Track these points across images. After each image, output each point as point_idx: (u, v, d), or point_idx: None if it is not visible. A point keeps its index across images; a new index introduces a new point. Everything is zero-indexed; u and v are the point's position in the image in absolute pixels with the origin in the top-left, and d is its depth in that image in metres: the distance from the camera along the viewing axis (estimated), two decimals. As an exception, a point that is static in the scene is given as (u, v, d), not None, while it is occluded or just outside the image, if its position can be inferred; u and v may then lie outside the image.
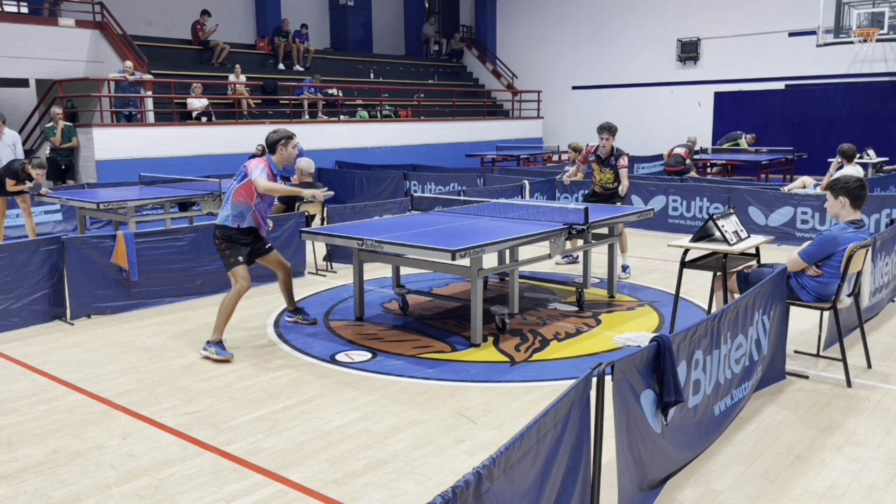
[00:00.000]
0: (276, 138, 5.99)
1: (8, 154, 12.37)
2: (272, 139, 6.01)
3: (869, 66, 18.72)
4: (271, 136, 6.03)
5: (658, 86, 22.23)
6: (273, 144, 5.99)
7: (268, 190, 5.83)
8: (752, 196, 10.62)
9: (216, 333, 5.81)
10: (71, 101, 15.72)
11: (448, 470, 3.92)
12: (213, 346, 5.76)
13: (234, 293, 5.84)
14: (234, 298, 5.84)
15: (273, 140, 6.00)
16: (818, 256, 5.07)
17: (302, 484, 3.79)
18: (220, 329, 5.83)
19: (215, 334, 5.81)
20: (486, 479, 2.25)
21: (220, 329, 5.83)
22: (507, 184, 12.29)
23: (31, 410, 4.78)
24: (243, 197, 5.88)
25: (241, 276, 5.86)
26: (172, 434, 4.40)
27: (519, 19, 25.28)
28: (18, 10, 16.45)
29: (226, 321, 5.85)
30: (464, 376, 5.32)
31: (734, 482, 3.77)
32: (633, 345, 5.90)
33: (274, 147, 5.98)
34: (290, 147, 5.97)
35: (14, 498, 3.68)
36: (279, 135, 6.00)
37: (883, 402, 4.82)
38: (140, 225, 9.11)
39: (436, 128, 20.56)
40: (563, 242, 6.51)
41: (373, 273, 8.52)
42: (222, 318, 5.83)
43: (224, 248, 5.90)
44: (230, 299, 5.83)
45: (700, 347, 3.83)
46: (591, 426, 2.98)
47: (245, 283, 5.85)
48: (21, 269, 6.52)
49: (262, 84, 18.15)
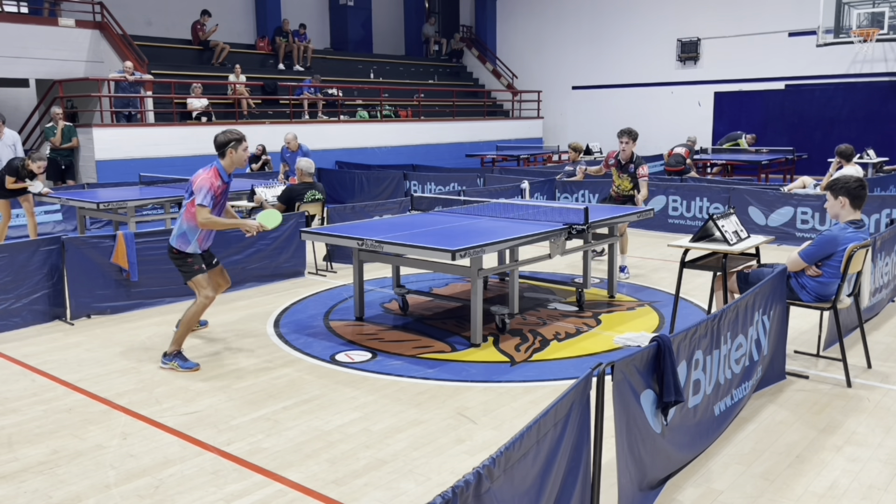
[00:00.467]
0: (224, 140, 5.52)
1: (8, 154, 12.37)
2: (221, 140, 5.53)
3: (869, 66, 18.72)
4: (220, 138, 5.55)
5: (658, 86, 22.23)
6: (222, 147, 5.52)
7: (206, 225, 5.42)
8: (752, 196, 10.62)
9: (175, 345, 5.54)
10: (71, 101, 15.72)
11: (448, 470, 3.92)
12: (173, 360, 5.51)
13: (199, 305, 5.55)
14: (199, 311, 5.57)
15: (222, 142, 5.52)
16: (818, 256, 5.07)
17: (302, 484, 3.79)
18: (180, 341, 5.56)
19: (174, 346, 5.54)
20: (486, 479, 2.25)
21: (180, 341, 5.56)
22: (506, 184, 12.29)
23: (31, 410, 4.78)
24: (192, 218, 5.49)
25: (204, 285, 5.57)
26: (172, 434, 4.40)
27: (519, 19, 25.28)
28: (18, 10, 16.45)
29: (186, 334, 5.60)
30: (464, 376, 5.32)
31: (734, 482, 3.77)
32: (633, 345, 5.90)
33: (223, 150, 5.53)
34: (240, 150, 5.53)
35: (14, 498, 3.68)
36: (228, 136, 5.53)
37: (883, 402, 4.82)
38: (140, 225, 9.11)
39: (436, 128, 20.56)
40: (563, 242, 6.51)
41: (373, 273, 8.52)
42: (184, 330, 5.57)
43: (183, 258, 5.57)
44: (194, 313, 5.56)
45: (700, 347, 3.83)
46: (591, 426, 2.98)
47: (211, 293, 5.60)
48: (21, 269, 6.52)
49: (262, 84, 18.15)
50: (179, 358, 5.52)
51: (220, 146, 5.55)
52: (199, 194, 5.38)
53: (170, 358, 5.53)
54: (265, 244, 8.20)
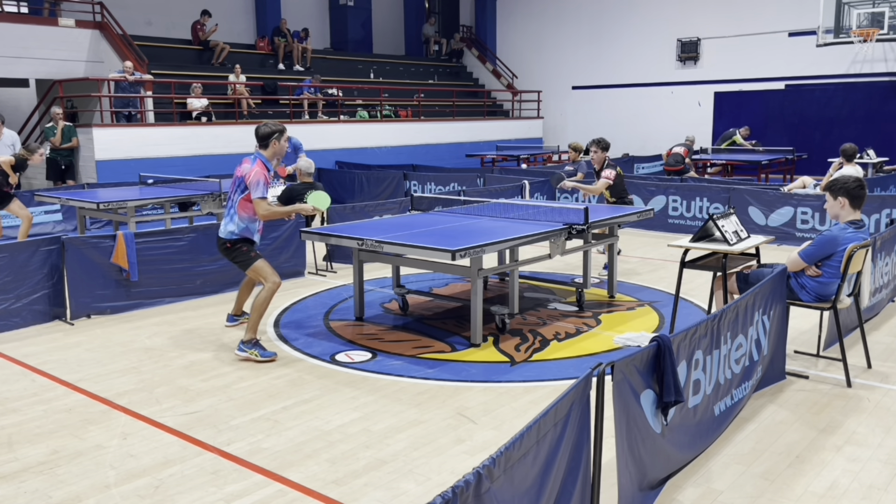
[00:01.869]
0: (268, 132, 5.69)
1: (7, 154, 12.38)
2: (264, 132, 5.69)
3: (869, 66, 18.72)
4: (263, 130, 5.70)
5: (658, 86, 22.23)
6: (266, 138, 5.69)
7: (268, 216, 5.66)
8: (752, 196, 10.62)
9: (251, 332, 5.65)
10: (71, 101, 15.72)
11: (448, 470, 3.92)
12: (252, 348, 5.61)
13: (267, 291, 5.65)
14: (269, 296, 5.66)
15: (266, 133, 5.69)
16: (818, 256, 5.07)
17: (302, 484, 3.79)
18: (255, 328, 5.67)
19: (250, 333, 5.65)
20: (486, 479, 2.25)
21: (255, 328, 5.67)
22: (507, 184, 12.29)
23: (31, 410, 4.78)
24: (249, 211, 5.67)
25: (269, 270, 5.71)
26: (172, 434, 4.40)
27: (519, 19, 25.28)
28: (18, 10, 16.44)
29: (260, 319, 5.70)
30: (464, 376, 5.32)
31: (734, 482, 3.77)
32: (633, 345, 5.90)
33: (267, 141, 5.69)
34: (283, 141, 5.73)
35: (14, 498, 3.68)
36: (271, 128, 5.70)
37: (883, 402, 4.82)
38: (140, 225, 9.11)
39: (436, 128, 20.55)
40: (563, 242, 6.51)
41: (373, 273, 8.52)
42: (256, 316, 5.65)
43: (237, 248, 5.72)
44: (265, 297, 5.64)
45: (700, 347, 3.83)
46: (591, 426, 2.98)
47: (276, 277, 5.69)
48: (21, 269, 6.52)
49: (262, 84, 18.15)
50: (259, 346, 5.61)
51: (263, 137, 5.68)
52: (258, 188, 5.53)
53: (249, 346, 5.60)
54: (265, 244, 8.18)
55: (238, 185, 5.68)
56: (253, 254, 5.73)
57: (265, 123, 5.75)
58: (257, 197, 5.55)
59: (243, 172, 5.64)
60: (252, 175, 5.58)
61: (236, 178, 5.69)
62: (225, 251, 5.79)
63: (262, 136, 5.69)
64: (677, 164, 15.13)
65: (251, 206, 5.64)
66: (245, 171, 5.63)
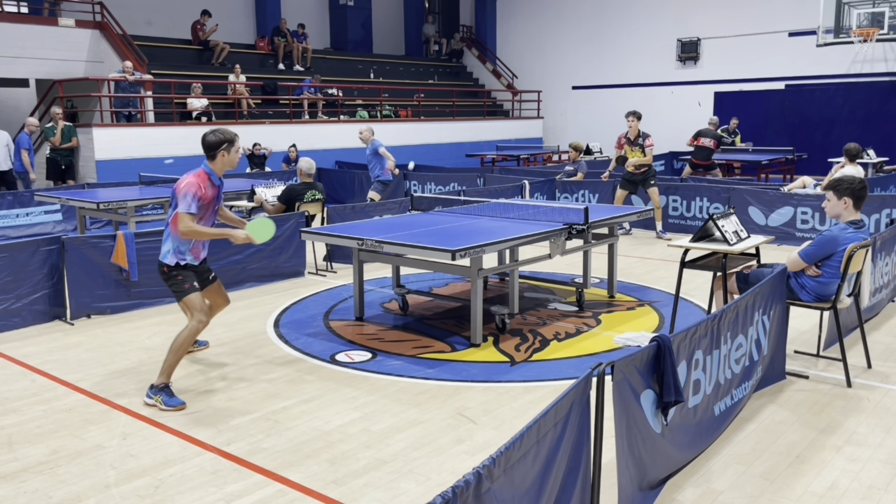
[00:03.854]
0: (216, 141, 4.91)
1: (3, 154, 12.42)
2: (212, 141, 4.90)
3: (869, 66, 18.72)
4: (210, 138, 4.92)
5: (658, 86, 22.23)
6: (214, 148, 4.91)
7: (188, 234, 4.83)
8: (752, 196, 10.62)
9: (163, 377, 4.86)
10: (71, 101, 15.72)
11: (448, 470, 3.92)
12: (159, 394, 4.80)
13: (190, 331, 4.90)
14: (191, 337, 4.92)
15: (213, 143, 4.90)
16: (818, 256, 5.07)
17: (302, 484, 3.79)
18: (169, 372, 4.88)
19: (161, 378, 4.86)
20: (486, 479, 2.25)
21: (169, 372, 4.88)
22: (507, 184, 12.29)
23: (31, 410, 4.78)
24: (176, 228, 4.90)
25: (199, 307, 4.95)
26: (172, 434, 4.40)
27: (519, 19, 25.28)
28: (18, 10, 16.45)
29: (176, 363, 4.92)
30: (464, 376, 5.32)
31: (734, 482, 3.77)
32: (633, 345, 5.90)
33: (215, 152, 4.92)
34: (233, 152, 4.95)
35: (14, 498, 3.68)
36: (221, 136, 4.92)
37: (883, 402, 4.82)
38: (140, 225, 9.11)
39: (436, 128, 20.55)
40: (563, 242, 6.51)
41: (373, 273, 8.52)
42: (173, 359, 4.88)
43: (173, 275, 4.97)
44: (185, 338, 4.89)
45: (700, 347, 3.83)
46: (591, 426, 2.98)
47: (204, 316, 4.96)
48: (21, 269, 6.52)
49: (262, 84, 18.15)
50: (165, 393, 4.81)
51: (211, 147, 4.92)
52: (183, 202, 4.79)
53: (155, 391, 4.83)
54: (265, 244, 8.17)
55: (173, 197, 4.95)
56: (187, 285, 4.96)
57: (214, 131, 4.98)
58: (182, 211, 4.78)
59: (178, 185, 4.89)
60: (182, 186, 4.82)
61: (173, 191, 4.95)
62: (162, 275, 5.06)
63: (209, 145, 4.92)
64: (707, 159, 14.20)
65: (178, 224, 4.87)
66: (180, 183, 4.88)
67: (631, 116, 10.39)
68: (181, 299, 5.00)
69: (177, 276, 4.99)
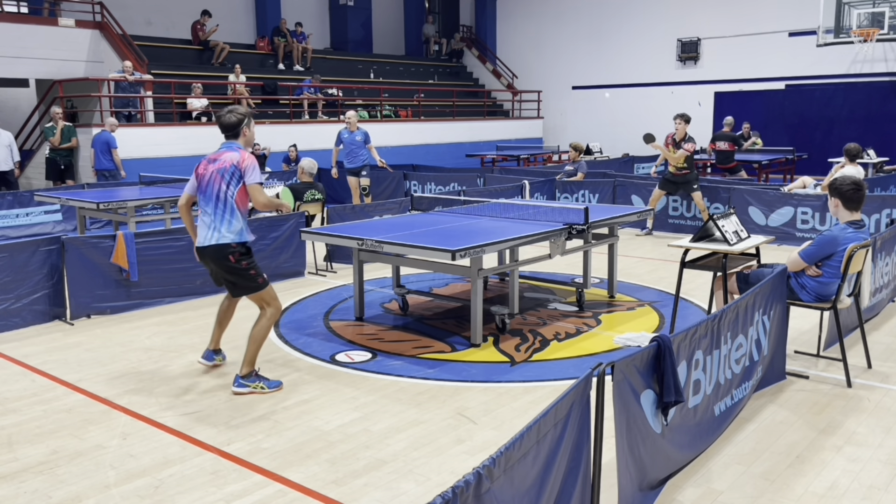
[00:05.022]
0: (237, 119, 4.90)
1: (5, 154, 12.44)
2: (233, 120, 4.88)
3: (869, 66, 18.72)
4: (231, 118, 4.88)
5: (658, 86, 22.23)
6: (236, 126, 4.91)
7: (267, 205, 4.88)
8: (752, 196, 10.62)
9: (248, 366, 4.96)
10: (71, 101, 15.72)
11: (448, 470, 3.92)
12: (256, 381, 4.94)
13: (269, 318, 4.96)
14: (270, 325, 5.00)
15: (234, 121, 4.89)
16: (818, 256, 5.08)
17: (302, 484, 3.79)
18: (253, 360, 4.99)
19: (247, 367, 4.95)
20: (486, 479, 2.25)
21: (253, 360, 4.99)
22: (507, 184, 12.29)
23: (31, 410, 4.78)
24: (244, 203, 4.91)
25: (275, 294, 5.01)
26: (172, 434, 4.40)
27: (519, 19, 25.28)
28: (18, 10, 16.45)
29: (258, 351, 5.02)
30: (464, 376, 5.32)
31: (734, 482, 3.77)
32: (633, 345, 5.90)
33: (237, 129, 4.93)
34: (252, 126, 5.02)
35: (14, 498, 3.68)
36: (239, 113, 4.91)
37: (883, 402, 4.82)
38: (140, 225, 9.11)
39: (436, 128, 20.55)
40: (563, 242, 6.51)
41: (373, 273, 8.51)
42: (255, 347, 4.96)
43: (247, 268, 4.87)
44: (264, 328, 4.94)
45: (700, 347, 3.83)
46: (591, 426, 2.97)
47: (279, 303, 5.04)
48: (21, 269, 6.52)
49: (262, 84, 18.15)
50: (260, 378, 4.94)
51: (234, 126, 4.91)
52: (254, 173, 4.79)
53: (250, 379, 4.89)
54: (265, 244, 8.19)
55: (232, 175, 4.82)
56: (260, 279, 4.93)
57: (229, 111, 4.95)
58: (256, 181, 4.80)
59: (232, 161, 4.82)
60: (246, 160, 4.82)
61: (220, 170, 4.83)
62: (226, 265, 4.85)
63: (231, 124, 4.90)
64: (727, 162, 14.39)
65: (245, 198, 4.88)
66: (234, 159, 4.82)
67: (678, 119, 10.41)
68: (259, 290, 4.92)
69: (249, 268, 4.86)
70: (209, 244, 4.89)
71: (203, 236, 4.94)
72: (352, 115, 12.25)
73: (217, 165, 4.88)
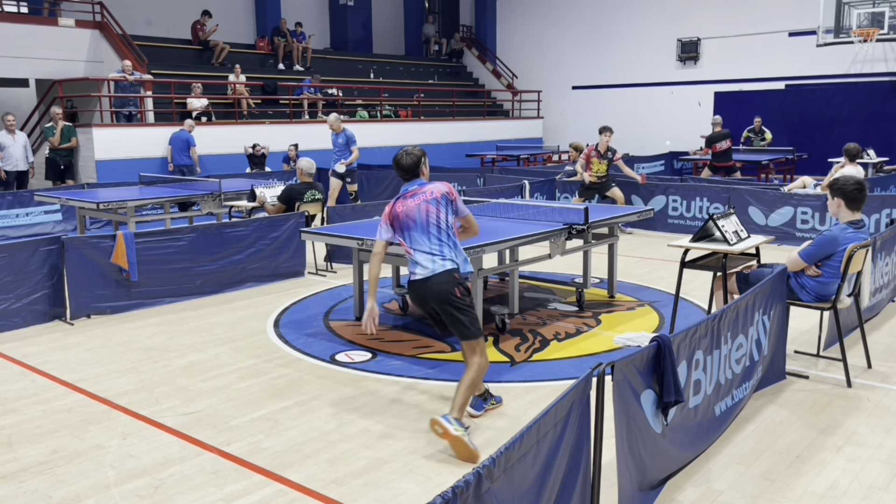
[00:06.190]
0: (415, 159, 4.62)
1: (22, 154, 12.52)
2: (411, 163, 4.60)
3: (869, 66, 18.71)
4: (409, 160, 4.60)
5: (658, 86, 22.22)
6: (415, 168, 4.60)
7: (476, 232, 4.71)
8: (752, 196, 10.62)
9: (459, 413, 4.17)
10: (71, 101, 15.72)
11: (448, 470, 3.92)
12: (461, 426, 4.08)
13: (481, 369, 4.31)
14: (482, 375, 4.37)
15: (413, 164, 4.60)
16: (818, 256, 5.07)
17: (302, 484, 3.79)
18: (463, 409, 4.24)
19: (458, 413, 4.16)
20: (486, 479, 2.25)
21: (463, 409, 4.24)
22: (507, 184, 12.29)
23: (31, 410, 4.78)
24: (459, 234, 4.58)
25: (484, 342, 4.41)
26: (172, 434, 4.40)
27: (519, 19, 25.27)
28: (18, 10, 16.44)
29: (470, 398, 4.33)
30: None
31: (734, 482, 3.77)
32: (633, 345, 5.90)
33: (418, 168, 4.60)
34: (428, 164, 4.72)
35: (14, 498, 3.68)
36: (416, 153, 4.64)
37: (883, 402, 4.82)
38: (140, 225, 9.11)
39: (436, 128, 20.54)
40: (563, 242, 6.51)
41: (373, 273, 8.49)
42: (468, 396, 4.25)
43: (471, 306, 4.35)
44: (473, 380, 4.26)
45: (700, 347, 3.83)
46: (591, 426, 2.98)
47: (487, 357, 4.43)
48: (21, 269, 6.52)
49: (262, 84, 18.14)
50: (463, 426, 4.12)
51: (413, 168, 4.58)
52: (464, 206, 4.60)
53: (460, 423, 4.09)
54: (265, 244, 8.20)
55: (445, 205, 4.47)
56: (478, 323, 4.39)
57: (405, 153, 4.64)
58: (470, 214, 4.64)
59: (440, 191, 4.48)
60: (452, 191, 4.54)
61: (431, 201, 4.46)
62: (456, 302, 4.29)
63: (410, 167, 4.58)
64: (728, 160, 14.36)
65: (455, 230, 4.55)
66: (441, 189, 4.50)
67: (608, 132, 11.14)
68: (478, 337, 4.30)
69: (472, 306, 4.34)
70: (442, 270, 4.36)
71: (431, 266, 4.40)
72: (332, 117, 12.19)
73: (423, 197, 4.50)
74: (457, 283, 4.32)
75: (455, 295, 4.29)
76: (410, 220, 4.50)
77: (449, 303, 4.29)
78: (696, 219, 11.17)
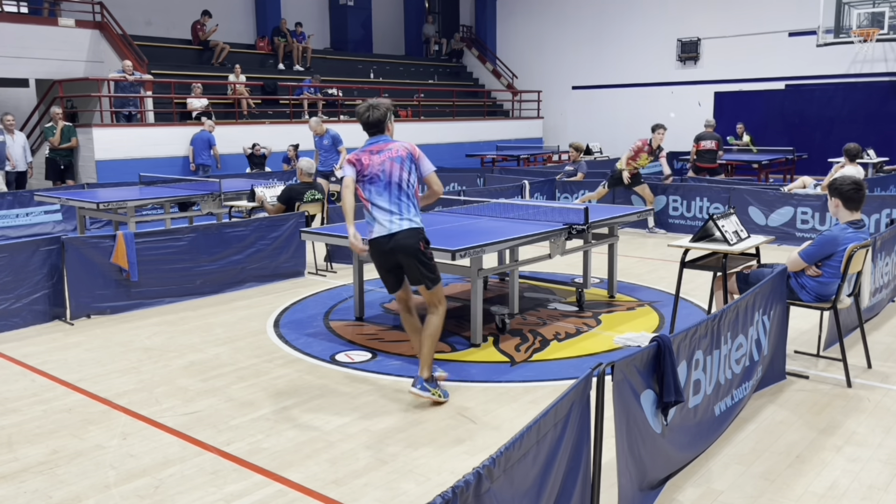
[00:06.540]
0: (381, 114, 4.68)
1: (21, 154, 12.53)
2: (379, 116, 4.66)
3: (869, 66, 18.72)
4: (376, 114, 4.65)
5: (658, 86, 22.23)
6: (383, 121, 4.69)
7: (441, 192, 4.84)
8: (752, 196, 10.62)
9: (429, 370, 4.73)
10: (71, 101, 15.72)
11: (448, 470, 3.92)
12: (436, 387, 4.73)
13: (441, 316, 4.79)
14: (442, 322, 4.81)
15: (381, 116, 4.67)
16: (818, 256, 5.08)
17: (302, 484, 3.79)
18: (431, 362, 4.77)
19: (427, 371, 4.72)
20: (486, 479, 2.25)
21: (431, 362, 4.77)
22: (507, 184, 12.29)
23: (31, 410, 4.78)
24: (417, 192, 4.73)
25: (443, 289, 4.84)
26: (172, 434, 4.40)
27: (519, 19, 25.28)
28: (18, 10, 16.45)
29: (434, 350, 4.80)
30: (464, 376, 5.31)
31: (734, 482, 3.77)
32: (633, 345, 5.90)
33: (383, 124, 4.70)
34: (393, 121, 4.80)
35: (14, 498, 3.68)
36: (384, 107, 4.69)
37: (883, 402, 4.82)
38: (140, 225, 9.11)
39: (436, 128, 20.55)
40: (563, 242, 6.51)
41: (373, 273, 8.48)
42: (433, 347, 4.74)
43: (431, 258, 4.70)
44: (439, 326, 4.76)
45: (700, 347, 3.83)
46: (591, 426, 2.97)
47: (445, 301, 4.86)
48: (21, 269, 6.52)
49: (262, 84, 18.15)
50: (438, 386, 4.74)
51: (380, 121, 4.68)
52: (428, 161, 4.74)
53: (431, 384, 4.69)
54: (265, 244, 8.20)
55: (408, 162, 4.66)
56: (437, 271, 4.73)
57: (369, 107, 4.68)
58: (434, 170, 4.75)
59: (405, 149, 4.67)
60: (415, 149, 4.71)
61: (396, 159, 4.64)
62: (419, 255, 4.64)
63: (377, 120, 4.68)
64: (711, 162, 14.46)
65: None
66: (406, 147, 4.68)
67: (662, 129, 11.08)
68: (436, 284, 4.71)
69: (432, 258, 4.70)
70: (402, 229, 4.62)
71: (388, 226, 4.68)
72: (314, 121, 12.12)
73: (388, 155, 4.64)
74: (420, 238, 4.68)
75: (420, 249, 4.66)
76: (374, 175, 4.72)
77: (415, 256, 4.67)
78: (696, 219, 11.18)
